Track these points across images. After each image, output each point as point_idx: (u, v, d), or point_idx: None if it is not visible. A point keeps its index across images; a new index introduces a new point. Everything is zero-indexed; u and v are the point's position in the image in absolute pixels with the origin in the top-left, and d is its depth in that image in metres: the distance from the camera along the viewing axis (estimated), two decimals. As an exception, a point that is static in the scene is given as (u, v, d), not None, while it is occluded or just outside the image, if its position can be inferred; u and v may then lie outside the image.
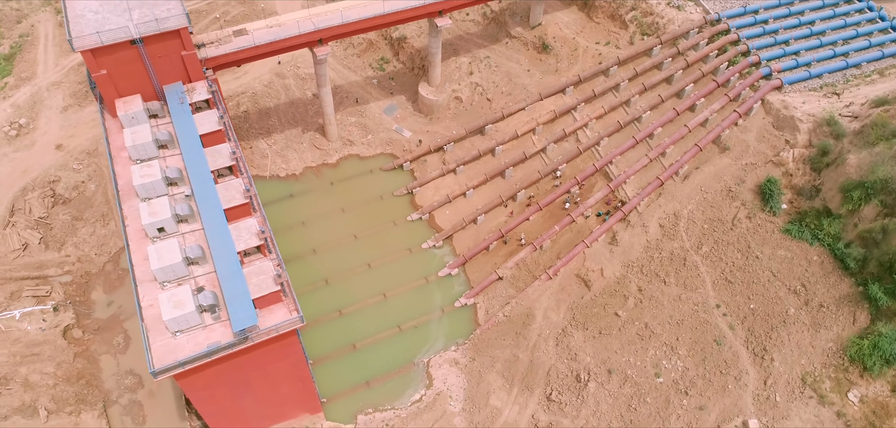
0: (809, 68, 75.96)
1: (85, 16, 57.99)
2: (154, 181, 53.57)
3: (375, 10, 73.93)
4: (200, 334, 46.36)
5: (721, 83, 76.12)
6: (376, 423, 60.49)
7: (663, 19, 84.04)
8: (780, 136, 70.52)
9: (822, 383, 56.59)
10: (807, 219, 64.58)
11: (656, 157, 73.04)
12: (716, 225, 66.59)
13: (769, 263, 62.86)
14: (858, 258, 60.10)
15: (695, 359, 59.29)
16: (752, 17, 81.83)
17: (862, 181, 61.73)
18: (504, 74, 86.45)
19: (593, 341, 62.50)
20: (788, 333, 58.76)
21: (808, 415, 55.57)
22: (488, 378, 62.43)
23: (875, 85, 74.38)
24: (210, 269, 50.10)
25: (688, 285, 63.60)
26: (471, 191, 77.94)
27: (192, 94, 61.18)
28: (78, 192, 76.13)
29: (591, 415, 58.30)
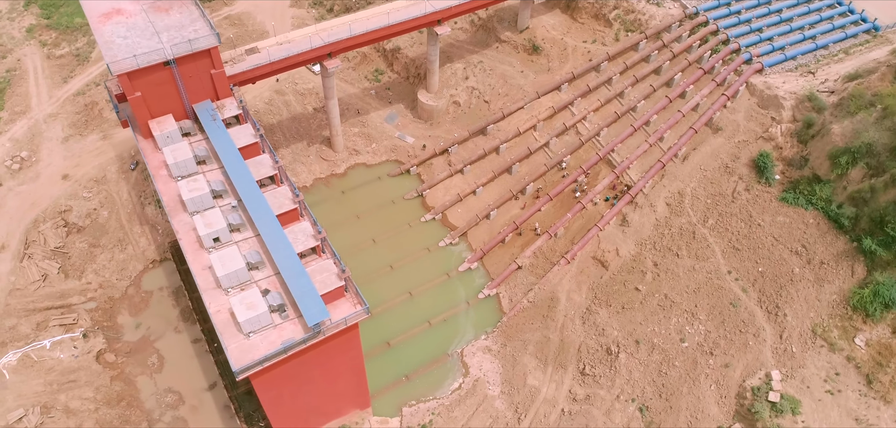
0: (785, 51, 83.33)
1: (115, 41, 59.81)
2: (202, 195, 55.78)
3: (380, 22, 77.74)
4: (272, 333, 48.85)
5: (707, 70, 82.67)
6: (421, 413, 63.60)
7: (645, 16, 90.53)
8: (767, 114, 77.24)
9: (831, 332, 62.75)
10: (800, 186, 71.16)
11: (655, 142, 78.82)
12: (718, 199, 72.60)
13: (771, 229, 69.07)
14: (851, 217, 66.79)
15: (715, 322, 64.73)
16: (726, 9, 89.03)
17: (847, 147, 68.60)
18: (499, 77, 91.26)
19: (618, 316, 67.33)
20: (796, 290, 64.85)
21: (822, 362, 61.57)
22: (523, 360, 66.43)
23: (843, 62, 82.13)
24: (269, 272, 52.59)
25: (699, 256, 69.21)
26: (480, 188, 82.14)
27: (222, 110, 63.53)
28: (91, 219, 76.82)
29: (625, 383, 62.92)
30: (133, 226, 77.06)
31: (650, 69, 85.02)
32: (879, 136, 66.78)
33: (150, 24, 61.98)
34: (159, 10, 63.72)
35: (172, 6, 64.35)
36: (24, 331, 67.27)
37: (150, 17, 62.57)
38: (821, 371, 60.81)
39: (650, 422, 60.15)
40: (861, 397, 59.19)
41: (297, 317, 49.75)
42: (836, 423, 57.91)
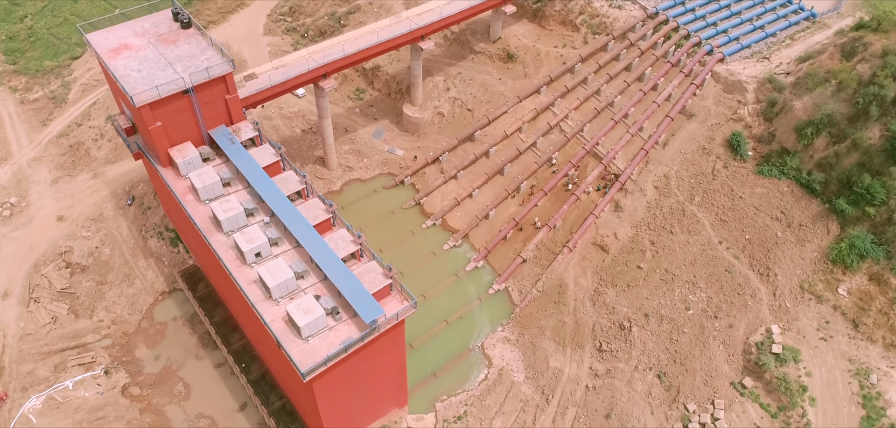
0: (740, 41, 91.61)
1: (130, 75, 61.07)
2: (236, 214, 57.61)
3: (370, 40, 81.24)
4: (329, 335, 51.17)
5: (674, 63, 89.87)
6: (455, 406, 66.70)
7: (609, 18, 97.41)
8: (733, 98, 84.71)
9: (817, 286, 69.75)
10: (771, 159, 78.53)
11: (636, 132, 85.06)
12: (700, 178, 79.19)
13: (751, 200, 75.98)
14: (821, 182, 74.36)
15: (714, 288, 70.75)
16: (682, 7, 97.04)
17: (810, 120, 76.40)
18: (479, 86, 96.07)
19: (625, 294, 72.52)
20: (781, 251, 71.68)
21: (812, 313, 68.37)
22: (542, 345, 70.56)
23: (792, 47, 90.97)
24: (314, 280, 54.85)
25: (691, 231, 75.38)
26: (476, 191, 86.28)
27: (238, 133, 65.50)
28: (94, 258, 76.56)
29: (640, 354, 67.95)
30: (137, 260, 77.24)
31: (621, 67, 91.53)
32: (837, 107, 74.87)
33: (161, 56, 63.53)
34: (166, 42, 65.35)
35: (178, 38, 66.08)
36: (43, 374, 66.68)
37: (160, 50, 64.11)
38: (813, 321, 67.54)
39: (669, 386, 65.28)
40: (851, 340, 66.14)
41: (350, 318, 52.25)
42: (832, 365, 64.53)
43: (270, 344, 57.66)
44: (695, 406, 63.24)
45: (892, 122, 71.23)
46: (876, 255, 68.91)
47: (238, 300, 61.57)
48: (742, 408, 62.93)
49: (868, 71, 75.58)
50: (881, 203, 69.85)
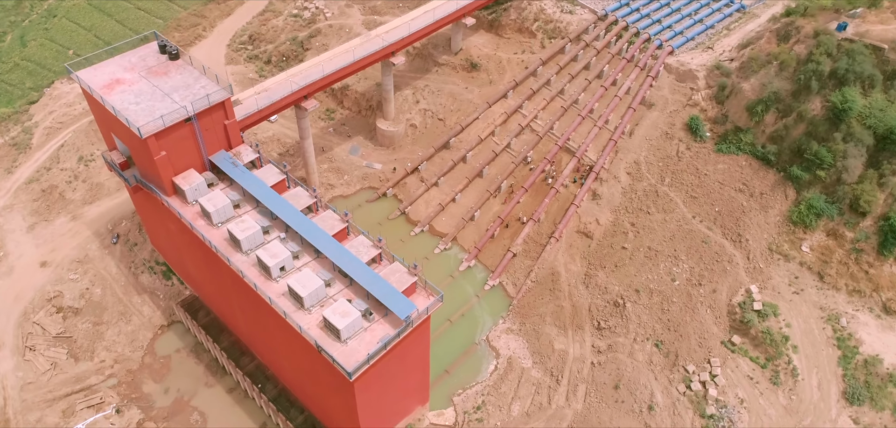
0: (684, 34, 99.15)
1: (129, 108, 61.00)
2: (254, 233, 58.50)
3: (347, 59, 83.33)
4: (366, 336, 52.87)
5: (629, 59, 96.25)
6: (471, 397, 69.26)
7: (562, 23, 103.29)
8: (686, 86, 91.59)
9: (783, 246, 76.54)
10: (728, 137, 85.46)
11: (603, 125, 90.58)
12: (668, 161, 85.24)
13: (715, 176, 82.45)
14: (774, 153, 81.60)
15: (694, 259, 76.41)
16: (628, 8, 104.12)
17: (759, 99, 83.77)
18: (447, 95, 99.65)
19: (614, 274, 77.19)
20: (748, 219, 78.20)
21: (783, 271, 75.00)
22: (544, 331, 74.16)
23: (731, 36, 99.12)
24: (340, 287, 56.36)
25: (666, 210, 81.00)
26: (459, 195, 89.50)
27: (239, 157, 66.36)
28: (85, 299, 74.94)
29: (637, 327, 72.55)
30: (131, 297, 76.14)
31: (581, 66, 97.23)
32: (782, 85, 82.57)
33: (156, 87, 63.78)
34: (158, 74, 65.63)
35: (169, 69, 66.45)
36: (52, 421, 64.94)
37: (153, 82, 64.31)
38: (785, 278, 74.10)
39: (668, 352, 70.10)
40: (819, 291, 73.01)
41: (382, 318, 54.15)
42: (806, 315, 71.06)
43: (297, 357, 58.87)
44: (694, 366, 68.25)
45: (831, 94, 79.14)
46: (830, 212, 76.30)
47: (257, 319, 62.42)
48: (735, 363, 68.38)
49: (804, 50, 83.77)
50: (829, 166, 77.31)
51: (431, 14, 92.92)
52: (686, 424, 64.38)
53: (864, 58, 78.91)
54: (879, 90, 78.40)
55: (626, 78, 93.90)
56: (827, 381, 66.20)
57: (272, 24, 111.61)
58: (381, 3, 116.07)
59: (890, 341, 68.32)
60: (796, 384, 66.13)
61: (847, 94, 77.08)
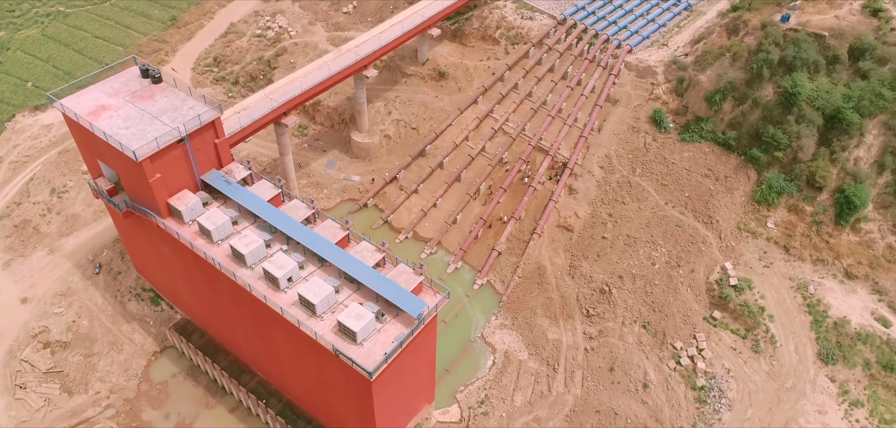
0: (640, 33, 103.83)
1: (120, 133, 60.46)
2: (257, 247, 58.57)
3: (323, 74, 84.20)
4: (380, 337, 53.70)
5: (591, 60, 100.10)
6: (474, 392, 70.57)
7: (524, 29, 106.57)
8: (647, 82, 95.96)
9: (750, 224, 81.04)
10: (690, 127, 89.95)
11: (572, 123, 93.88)
12: (636, 152, 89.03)
13: (682, 164, 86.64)
14: (734, 138, 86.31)
15: (670, 243, 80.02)
16: (585, 12, 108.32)
17: (716, 89, 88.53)
18: (419, 105, 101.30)
19: (597, 263, 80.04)
20: (716, 201, 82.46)
21: (752, 247, 79.43)
22: (537, 323, 76.23)
23: (682, 33, 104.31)
24: (349, 292, 57.04)
25: (640, 198, 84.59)
26: (439, 200, 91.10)
27: (231, 175, 66.28)
28: (73, 332, 72.99)
29: (624, 311, 75.42)
30: (120, 326, 74.55)
31: (546, 69, 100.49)
32: (736, 75, 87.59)
33: (144, 111, 63.26)
34: (143, 98, 65.10)
35: (154, 93, 65.98)
36: (53, 458, 63.16)
37: (140, 106, 63.79)
38: (755, 254, 78.51)
39: (655, 332, 73.20)
40: (786, 262, 77.67)
41: (393, 318, 55.12)
42: (778, 286, 75.47)
43: (308, 366, 59.15)
44: (681, 343, 71.54)
45: (781, 80, 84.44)
46: (790, 189, 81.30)
47: (261, 334, 62.37)
48: (718, 337, 72.04)
49: (754, 42, 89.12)
50: (785, 147, 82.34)
51: (399, 26, 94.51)
52: (680, 397, 67.45)
53: (809, 45, 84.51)
54: (824, 74, 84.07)
55: (590, 77, 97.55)
56: (802, 345, 70.49)
57: (236, 45, 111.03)
58: (343, 19, 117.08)
59: (854, 303, 73.24)
60: (776, 351, 70.15)
61: (796, 79, 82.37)
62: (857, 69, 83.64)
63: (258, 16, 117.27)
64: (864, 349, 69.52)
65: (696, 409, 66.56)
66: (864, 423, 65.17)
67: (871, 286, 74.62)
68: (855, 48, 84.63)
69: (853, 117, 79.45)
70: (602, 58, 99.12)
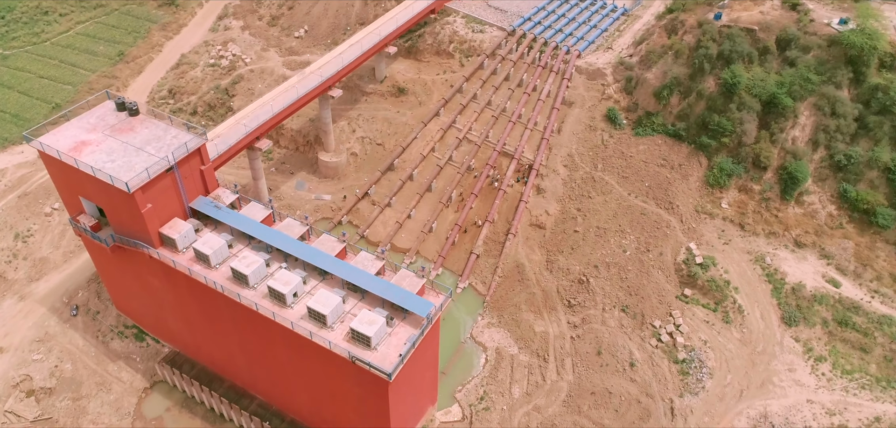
0: (586, 39, 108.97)
1: (106, 167, 59.42)
2: (258, 267, 58.68)
3: (291, 97, 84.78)
4: (392, 340, 54.66)
5: (544, 66, 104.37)
6: (472, 390, 71.89)
7: (476, 42, 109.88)
8: (598, 83, 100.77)
9: (707, 206, 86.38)
10: (642, 122, 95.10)
11: (532, 127, 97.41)
12: (596, 150, 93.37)
13: (639, 157, 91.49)
14: (684, 129, 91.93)
15: (637, 230, 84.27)
16: (532, 22, 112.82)
17: (663, 85, 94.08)
18: (382, 121, 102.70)
19: (572, 256, 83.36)
20: (674, 188, 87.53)
21: (711, 227, 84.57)
22: (523, 318, 78.55)
23: (623, 36, 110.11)
24: (354, 301, 57.68)
25: (604, 192, 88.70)
26: (413, 211, 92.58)
27: (219, 200, 65.80)
28: (57, 378, 70.14)
29: (603, 298, 78.77)
30: (106, 366, 72.17)
31: (502, 78, 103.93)
32: (680, 71, 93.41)
33: (126, 144, 62.24)
34: (123, 131, 64.00)
35: (133, 125, 64.97)
36: (52, 506, 60.55)
37: (122, 139, 62.72)
38: (714, 233, 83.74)
39: (635, 314, 76.88)
40: (743, 238, 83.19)
41: (401, 321, 56.34)
42: (738, 260, 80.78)
43: (318, 379, 59.38)
44: (659, 321, 75.49)
45: (721, 72, 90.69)
46: (738, 171, 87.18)
47: (265, 353, 62.12)
48: (691, 312, 76.43)
49: (693, 39, 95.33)
50: (730, 133, 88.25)
51: (358, 46, 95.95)
52: (664, 371, 71.19)
53: (742, 39, 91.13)
54: (757, 64, 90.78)
55: (545, 83, 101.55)
56: (767, 311, 75.74)
57: (190, 75, 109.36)
58: (296, 43, 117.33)
59: (806, 269, 79.27)
60: (744, 320, 75.10)
61: (734, 70, 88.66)
62: (786, 58, 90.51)
63: (209, 45, 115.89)
64: (820, 309, 75.29)
65: (680, 380, 70.38)
66: (829, 375, 70.64)
67: (819, 252, 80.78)
68: (781, 39, 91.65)
69: (787, 101, 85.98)
70: (553, 64, 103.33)
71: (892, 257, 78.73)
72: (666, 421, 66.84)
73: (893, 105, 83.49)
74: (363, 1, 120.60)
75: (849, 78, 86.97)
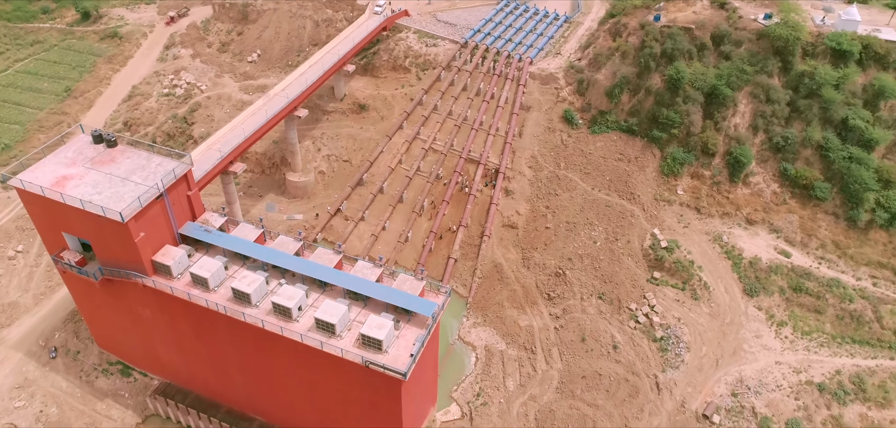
0: (535, 46, 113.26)
1: (93, 198, 58.05)
2: (259, 285, 58.49)
3: (260, 119, 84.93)
4: (400, 342, 55.65)
5: (499, 75, 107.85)
6: (468, 388, 73.18)
7: (430, 55, 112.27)
8: (551, 87, 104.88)
9: (664, 194, 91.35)
10: (597, 120, 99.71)
11: (494, 133, 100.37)
12: (555, 150, 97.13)
13: (597, 154, 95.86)
14: (636, 124, 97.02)
15: (604, 222, 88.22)
16: (482, 34, 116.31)
17: (613, 85, 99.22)
18: (347, 138, 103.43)
19: (546, 251, 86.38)
20: (634, 180, 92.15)
21: (670, 213, 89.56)
22: (506, 315, 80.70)
23: (569, 42, 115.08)
24: (358, 309, 58.45)
25: (570, 188, 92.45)
26: (387, 222, 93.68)
27: (208, 223, 65.17)
28: (43, 422, 67.20)
29: (580, 287, 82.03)
30: (93, 405, 69.70)
31: (460, 88, 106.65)
32: (628, 70, 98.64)
33: (110, 175, 60.97)
34: (105, 163, 62.67)
35: (114, 156, 63.67)
36: None
37: (104, 171, 61.44)
38: (674, 218, 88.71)
39: (611, 300, 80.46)
40: (700, 221, 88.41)
41: (406, 323, 57.55)
42: (698, 241, 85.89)
43: (327, 387, 59.69)
44: (635, 304, 79.36)
45: (666, 69, 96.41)
46: (689, 160, 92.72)
47: (269, 370, 61.90)
48: (663, 293, 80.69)
49: (637, 41, 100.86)
50: (679, 124, 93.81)
51: (320, 66, 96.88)
52: (645, 350, 74.92)
53: (682, 38, 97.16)
54: (697, 60, 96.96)
55: (502, 90, 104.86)
56: (730, 285, 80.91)
57: (145, 106, 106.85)
58: (250, 68, 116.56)
59: (759, 243, 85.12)
60: (711, 295, 79.95)
61: (678, 66, 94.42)
62: (721, 52, 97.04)
63: (160, 75, 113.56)
64: (776, 279, 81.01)
65: (661, 357, 74.26)
66: (791, 337, 76.18)
67: (768, 227, 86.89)
68: (715, 36, 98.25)
69: (727, 91, 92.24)
70: (508, 71, 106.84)
71: (833, 226, 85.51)
72: (653, 395, 70.37)
73: (819, 89, 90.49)
74: (314, 23, 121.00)
75: (778, 67, 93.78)
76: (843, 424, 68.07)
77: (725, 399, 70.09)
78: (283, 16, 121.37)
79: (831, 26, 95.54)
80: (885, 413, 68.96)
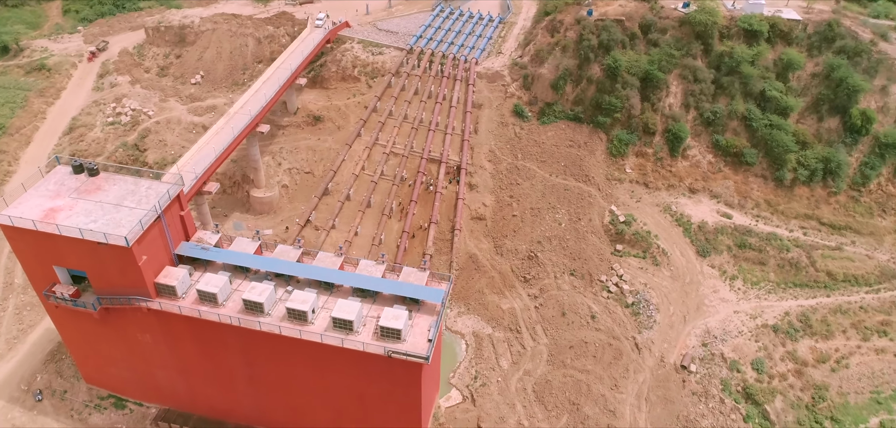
0: (476, 47, 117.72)
1: (90, 227, 56.74)
2: (269, 294, 59.16)
3: (227, 138, 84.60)
4: (414, 329, 57.75)
5: (447, 77, 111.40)
6: (465, 373, 76.00)
7: (378, 63, 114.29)
8: (498, 85, 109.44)
9: (614, 173, 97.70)
10: (545, 112, 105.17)
11: (451, 132, 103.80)
12: (511, 142, 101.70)
13: (549, 142, 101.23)
14: (581, 112, 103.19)
15: (566, 204, 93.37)
16: (425, 39, 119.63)
17: (557, 77, 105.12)
18: (306, 150, 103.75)
19: (516, 237, 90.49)
20: (587, 164, 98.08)
21: (622, 190, 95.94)
22: (488, 300, 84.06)
23: (508, 41, 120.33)
24: (369, 305, 60.36)
25: (530, 176, 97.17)
26: (358, 228, 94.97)
27: (203, 242, 64.74)
28: (38, 468, 64.73)
29: (552, 267, 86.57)
30: (90, 443, 67.54)
31: (412, 92, 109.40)
32: (569, 63, 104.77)
33: (100, 203, 59.70)
34: (92, 191, 61.09)
35: (100, 185, 62.03)
36: None
37: (93, 199, 60.00)
38: (626, 194, 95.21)
39: (582, 275, 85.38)
40: (649, 194, 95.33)
41: (417, 312, 59.86)
42: (651, 213, 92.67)
43: (344, 384, 61.00)
44: (605, 276, 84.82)
45: (604, 59, 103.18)
46: (632, 140, 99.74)
47: (282, 378, 62.47)
48: (627, 263, 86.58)
49: (574, 35, 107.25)
50: (620, 109, 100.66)
51: (275, 81, 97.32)
52: (620, 316, 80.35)
53: (615, 29, 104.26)
54: (630, 48, 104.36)
55: (452, 91, 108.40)
56: (685, 249, 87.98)
57: (90, 137, 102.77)
58: (195, 90, 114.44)
59: (704, 210, 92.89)
60: (669, 260, 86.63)
61: (615, 56, 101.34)
62: (650, 40, 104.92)
63: (100, 105, 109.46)
64: (723, 239, 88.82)
65: (634, 320, 79.91)
66: (743, 289, 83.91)
67: (709, 194, 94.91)
68: (643, 25, 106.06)
69: (659, 75, 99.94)
70: (456, 73, 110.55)
71: (763, 187, 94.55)
72: (635, 355, 75.81)
73: (738, 66, 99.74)
74: (256, 40, 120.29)
75: (701, 49, 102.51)
76: (797, 357, 75.93)
77: (698, 350, 76.49)
78: (224, 35, 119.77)
79: (741, 10, 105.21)
80: (830, 343, 77.49)
